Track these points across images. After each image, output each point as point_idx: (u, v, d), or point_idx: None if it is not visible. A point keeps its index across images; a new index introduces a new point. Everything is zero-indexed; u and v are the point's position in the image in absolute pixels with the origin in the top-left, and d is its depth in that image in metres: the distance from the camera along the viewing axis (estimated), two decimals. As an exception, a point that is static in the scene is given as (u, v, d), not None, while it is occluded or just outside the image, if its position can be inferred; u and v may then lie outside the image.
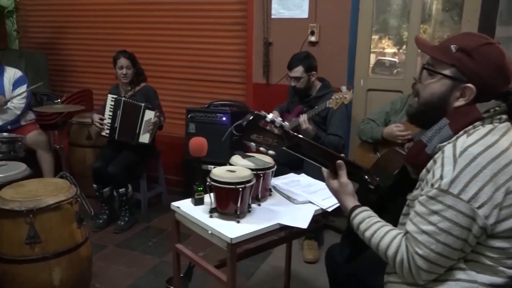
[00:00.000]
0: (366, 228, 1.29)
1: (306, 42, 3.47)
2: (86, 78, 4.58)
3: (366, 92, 3.42)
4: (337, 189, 1.40)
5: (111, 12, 4.28)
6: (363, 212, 1.33)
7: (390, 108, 2.84)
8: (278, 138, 1.33)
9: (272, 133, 1.32)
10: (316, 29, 3.44)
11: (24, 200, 1.89)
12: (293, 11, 3.54)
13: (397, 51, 3.58)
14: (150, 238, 3.20)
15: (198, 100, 3.97)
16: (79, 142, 3.79)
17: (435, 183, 1.12)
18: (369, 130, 2.81)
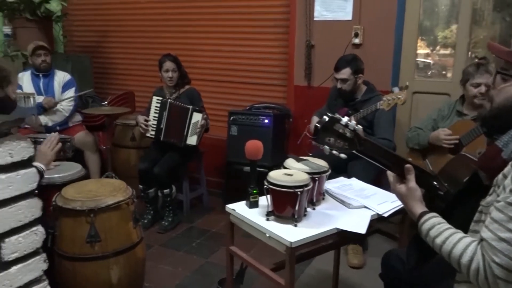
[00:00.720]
0: (436, 235, 1.27)
1: (349, 45, 3.44)
2: (128, 80, 4.68)
3: (412, 95, 3.36)
4: (404, 194, 1.38)
5: (153, 15, 4.37)
6: (432, 218, 1.31)
7: (437, 114, 2.79)
8: (350, 142, 1.33)
9: (344, 136, 1.32)
10: (360, 31, 3.41)
11: (86, 200, 1.95)
12: (337, 13, 3.52)
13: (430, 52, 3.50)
14: (193, 239, 3.24)
15: (239, 102, 4.00)
16: (123, 143, 3.88)
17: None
18: (415, 137, 2.78)
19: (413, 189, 1.37)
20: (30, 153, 1.24)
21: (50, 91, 3.73)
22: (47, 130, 3.65)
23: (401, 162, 1.39)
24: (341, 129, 1.31)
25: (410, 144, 2.83)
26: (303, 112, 3.71)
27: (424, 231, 1.31)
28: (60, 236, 1.99)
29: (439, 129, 2.68)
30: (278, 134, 3.55)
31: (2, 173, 1.16)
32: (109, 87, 4.78)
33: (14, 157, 1.19)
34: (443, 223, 1.29)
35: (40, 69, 3.67)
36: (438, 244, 1.26)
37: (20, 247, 1.23)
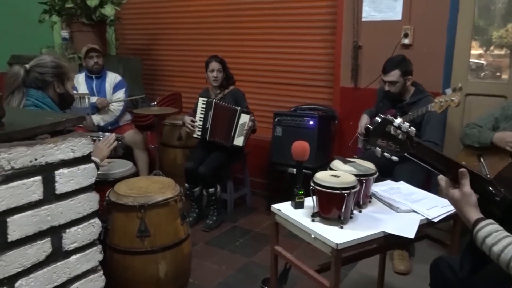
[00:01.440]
0: (493, 243, 1.22)
1: (398, 45, 3.37)
2: (176, 82, 4.82)
3: (465, 97, 3.24)
4: (458, 199, 1.34)
5: (201, 18, 4.47)
6: (489, 225, 1.26)
7: (500, 113, 2.64)
8: (402, 144, 1.30)
9: (396, 139, 1.30)
10: (410, 31, 3.33)
11: (137, 196, 2.03)
12: (385, 13, 3.46)
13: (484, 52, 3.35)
14: (237, 238, 3.28)
15: (284, 103, 4.01)
16: (170, 142, 3.99)
17: None
18: (475, 134, 2.63)
19: (468, 194, 1.32)
20: (90, 149, 1.31)
21: (102, 92, 3.90)
22: (100, 129, 3.82)
23: (455, 166, 1.35)
24: (393, 131, 1.29)
25: (467, 141, 2.67)
26: (349, 114, 3.66)
27: (480, 238, 1.26)
28: (112, 230, 2.08)
29: (508, 132, 2.53)
30: (323, 135, 3.53)
31: (65, 167, 1.24)
32: (158, 88, 4.93)
33: (76, 153, 1.26)
34: (500, 230, 1.24)
35: (92, 70, 3.85)
36: (496, 252, 1.21)
37: (79, 238, 1.30)
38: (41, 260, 1.21)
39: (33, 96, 1.93)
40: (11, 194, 1.12)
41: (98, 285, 1.38)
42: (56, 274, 1.25)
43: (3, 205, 1.10)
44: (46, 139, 1.20)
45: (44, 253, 1.22)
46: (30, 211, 1.17)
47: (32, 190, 1.17)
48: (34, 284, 1.20)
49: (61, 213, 1.24)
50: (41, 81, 1.96)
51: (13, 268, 1.14)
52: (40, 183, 1.18)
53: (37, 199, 1.18)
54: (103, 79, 3.93)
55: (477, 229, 1.28)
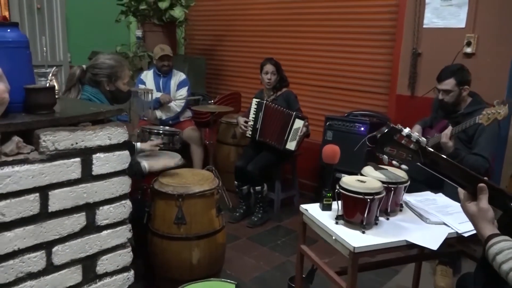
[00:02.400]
0: (504, 261, 1.18)
1: (460, 54, 3.25)
2: (236, 82, 5.00)
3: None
4: (474, 214, 1.31)
5: (262, 21, 4.61)
6: (502, 242, 1.23)
7: None
8: (413, 153, 1.31)
9: (407, 148, 1.31)
10: (473, 40, 3.19)
11: (176, 186, 2.20)
12: (448, 20, 3.34)
13: None
14: (279, 237, 3.36)
15: (337, 108, 4.02)
16: (225, 140, 4.17)
17: None
18: None
19: (484, 209, 1.29)
20: (125, 138, 1.47)
21: (167, 89, 4.17)
22: (161, 123, 4.09)
23: (474, 180, 1.32)
24: (404, 140, 1.30)
25: None
26: (404, 122, 3.51)
27: (491, 255, 1.24)
28: (154, 215, 2.26)
29: None
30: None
31: (101, 152, 1.41)
32: (219, 87, 5.15)
33: (112, 140, 1.43)
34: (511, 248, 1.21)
35: (161, 71, 4.13)
36: (505, 270, 1.18)
37: (110, 215, 1.47)
38: (76, 231, 1.39)
39: (88, 92, 2.16)
40: (53, 171, 1.31)
41: (126, 259, 1.55)
42: (88, 245, 1.43)
43: (46, 180, 1.29)
44: (87, 127, 1.38)
45: (79, 225, 1.40)
46: (69, 187, 1.35)
47: (71, 169, 1.35)
48: (69, 251, 1.38)
49: (96, 192, 1.42)
50: (94, 80, 2.20)
51: (51, 235, 1.33)
52: (79, 164, 1.36)
53: (75, 178, 1.36)
54: (169, 78, 4.20)
55: (489, 245, 1.25)
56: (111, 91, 2.21)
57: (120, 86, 2.23)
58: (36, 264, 1.31)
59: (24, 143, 1.28)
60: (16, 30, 1.38)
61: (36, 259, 1.31)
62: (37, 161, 1.27)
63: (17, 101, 1.35)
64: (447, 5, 3.34)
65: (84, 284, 1.44)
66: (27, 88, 1.34)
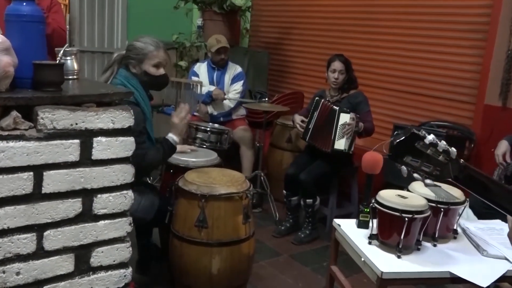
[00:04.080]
0: None
1: None
2: (300, 80, 4.99)
3: None
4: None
5: (334, 14, 4.56)
6: None
7: None
8: (443, 167, 1.21)
9: (435, 159, 1.22)
10: None
11: (201, 185, 2.24)
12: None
13: None
14: (326, 258, 3.27)
15: (411, 116, 3.86)
16: (279, 144, 4.16)
17: None
18: None
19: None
20: (130, 123, 1.53)
21: (221, 83, 4.27)
22: (212, 119, 4.20)
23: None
24: (429, 150, 1.21)
25: None
26: (491, 138, 3.34)
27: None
28: (176, 215, 2.32)
29: None
30: (449, 159, 3.29)
31: (103, 136, 1.48)
32: (282, 85, 5.17)
33: (115, 124, 1.50)
34: None
35: (217, 64, 4.24)
36: None
37: (109, 205, 1.53)
38: (70, 217, 1.47)
39: (122, 76, 2.28)
40: (50, 150, 1.40)
41: (124, 255, 1.60)
42: (83, 234, 1.51)
43: (41, 159, 1.39)
44: (90, 107, 1.46)
45: (74, 211, 1.48)
46: (66, 169, 1.43)
47: (69, 151, 1.43)
48: (61, 237, 1.46)
49: (94, 178, 1.49)
50: (125, 64, 2.31)
51: (43, 218, 1.42)
52: (77, 146, 1.44)
53: (73, 160, 1.44)
54: (224, 71, 4.29)
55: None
56: (139, 74, 2.31)
57: (148, 68, 2.31)
58: (25, 246, 1.41)
59: (25, 120, 1.38)
60: (32, 4, 1.50)
61: (26, 241, 1.41)
62: (34, 138, 1.36)
63: (26, 77, 1.46)
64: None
65: (76, 275, 1.52)
66: (34, 64, 1.45)
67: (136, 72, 2.31)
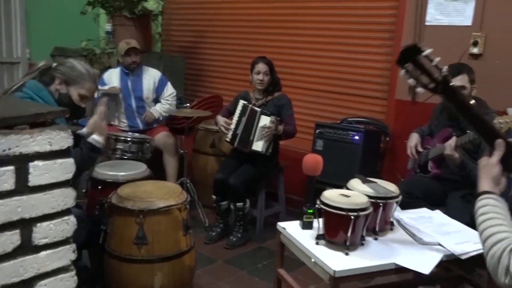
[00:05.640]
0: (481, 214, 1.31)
1: (465, 55, 3.27)
2: (218, 84, 4.99)
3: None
4: (482, 166, 1.40)
5: (250, 16, 4.62)
6: (491, 200, 1.32)
7: None
8: (436, 83, 1.35)
9: (430, 74, 1.35)
10: (480, 39, 3.22)
11: (137, 200, 2.17)
12: (454, 17, 3.37)
13: None
14: (260, 260, 3.32)
15: (330, 114, 4.03)
16: (203, 149, 4.14)
17: None
18: None
19: (491, 164, 1.37)
20: (69, 143, 1.44)
21: (138, 90, 4.13)
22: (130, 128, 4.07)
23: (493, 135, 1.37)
24: (427, 64, 1.34)
25: None
26: (404, 130, 3.58)
27: (476, 208, 1.34)
28: (111, 234, 2.23)
29: None
30: (369, 152, 3.49)
31: (40, 160, 1.37)
32: (199, 89, 5.13)
33: (53, 146, 1.40)
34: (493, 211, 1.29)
35: (129, 68, 4.10)
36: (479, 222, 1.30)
37: (50, 233, 1.43)
38: (8, 252, 1.34)
39: (31, 88, 2.03)
40: (-19, 181, 1.27)
41: (69, 285, 1.50)
42: (23, 268, 1.38)
43: (-28, 191, 1.25)
44: (23, 130, 1.35)
45: (12, 245, 1.35)
46: (0, 200, 1.31)
47: (3, 179, 1.31)
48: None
49: (32, 206, 1.38)
50: (50, 75, 2.15)
51: (-23, 256, 1.29)
52: (12, 173, 1.32)
53: (8, 189, 1.32)
54: (139, 76, 4.15)
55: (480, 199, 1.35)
56: (61, 93, 2.15)
57: (73, 94, 2.16)
58: (-41, 289, 1.27)
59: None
60: None
61: (-40, 283, 1.27)
62: (-39, 169, 1.23)
63: None
64: (452, 0, 3.36)
65: (18, 313, 1.40)
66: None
67: (57, 89, 2.14)
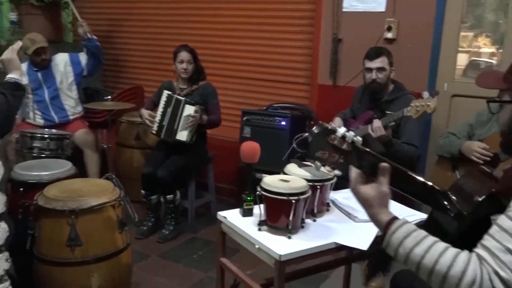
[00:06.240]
0: (415, 243, 1.17)
1: (381, 39, 3.43)
2: (138, 74, 4.84)
3: (451, 98, 3.31)
4: (372, 197, 1.27)
5: (171, 4, 4.50)
6: (406, 224, 1.22)
7: (475, 120, 2.71)
8: (346, 155, 1.25)
9: (339, 149, 1.24)
10: (394, 25, 3.40)
11: (67, 200, 2.05)
12: (368, 3, 3.52)
13: (496, 50, 3.42)
14: (195, 250, 3.30)
15: (256, 101, 4.06)
16: (127, 142, 4.00)
17: None
18: (446, 144, 2.73)
19: (383, 194, 1.26)
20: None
21: (49, 81, 3.86)
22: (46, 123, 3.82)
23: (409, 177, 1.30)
24: (337, 141, 1.23)
25: (440, 152, 2.77)
26: (327, 114, 3.69)
27: (396, 240, 1.21)
28: (39, 238, 2.09)
29: (475, 141, 2.60)
30: (296, 137, 3.57)
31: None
32: (118, 81, 4.94)
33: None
34: (419, 230, 1.20)
35: (39, 65, 3.82)
36: (419, 254, 1.15)
37: (-21, 242, 1.32)
38: None
39: None
40: None
41: (3, 296, 1.40)
42: (-50, 282, 1.27)
43: None
44: None
45: None
46: None
47: None
48: None
49: (-44, 214, 1.26)
50: None
51: None
52: None
53: None
54: (49, 69, 3.89)
55: (393, 230, 1.22)
56: None
57: None
58: None
59: None
60: None
61: None
62: None
63: None
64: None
65: None
66: None
67: None
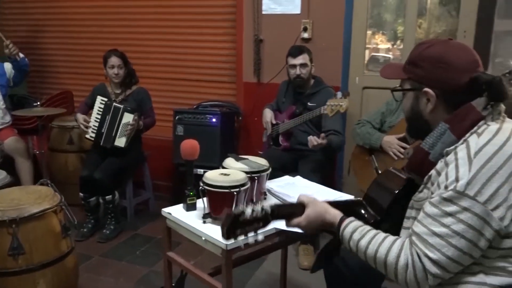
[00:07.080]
0: (360, 237, 1.28)
1: (298, 39, 3.51)
2: (66, 79, 4.58)
3: (362, 90, 3.47)
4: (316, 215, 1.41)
5: (97, 9, 4.29)
6: (354, 222, 1.33)
7: (386, 108, 2.86)
8: (264, 220, 1.33)
9: (257, 219, 1.32)
10: (309, 25, 3.48)
11: (6, 209, 1.90)
12: (285, 6, 3.58)
13: (391, 46, 3.63)
14: (137, 247, 3.21)
15: (186, 101, 4.00)
16: (60, 147, 3.77)
17: (450, 185, 1.14)
18: (366, 136, 2.75)
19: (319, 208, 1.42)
20: None
21: None
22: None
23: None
24: (250, 216, 1.30)
25: (360, 142, 2.80)
26: (253, 110, 3.75)
27: (346, 235, 1.32)
28: (-21, 249, 1.92)
29: (394, 136, 2.65)
30: (227, 133, 3.58)
31: None
32: (45, 86, 4.65)
33: None
34: (364, 225, 1.32)
35: None
36: (363, 245, 1.27)
37: None
38: None
39: None
40: None
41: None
42: None
43: None
44: None
45: None
46: None
47: None
48: None
49: None
50: None
51: None
52: None
53: None
54: None
55: (343, 227, 1.33)
56: None
57: None
58: None
59: None
60: None
61: None
62: None
63: None
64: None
65: None
66: None
67: None
